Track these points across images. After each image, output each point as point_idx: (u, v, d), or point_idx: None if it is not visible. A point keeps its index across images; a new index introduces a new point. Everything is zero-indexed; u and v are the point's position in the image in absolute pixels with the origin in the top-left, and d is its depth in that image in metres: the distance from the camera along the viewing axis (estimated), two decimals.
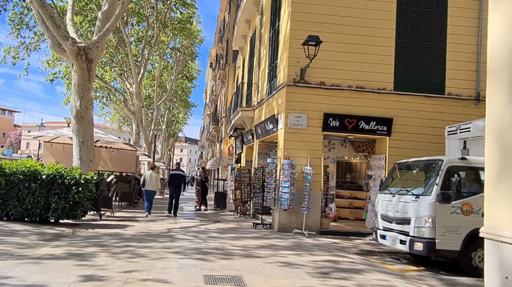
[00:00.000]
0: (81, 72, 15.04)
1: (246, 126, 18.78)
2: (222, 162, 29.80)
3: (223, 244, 9.65)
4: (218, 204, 20.24)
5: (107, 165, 21.39)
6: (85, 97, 15.15)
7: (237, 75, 27.49)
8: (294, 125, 12.51)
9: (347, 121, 12.56)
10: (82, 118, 15.01)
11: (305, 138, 12.51)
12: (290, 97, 12.56)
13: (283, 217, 12.35)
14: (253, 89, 18.24)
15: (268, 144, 16.65)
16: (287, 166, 11.96)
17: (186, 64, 39.73)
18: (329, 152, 15.96)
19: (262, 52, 16.81)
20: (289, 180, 11.89)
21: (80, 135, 14.98)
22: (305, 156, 12.42)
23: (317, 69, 12.55)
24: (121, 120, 54.73)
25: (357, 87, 12.70)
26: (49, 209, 11.25)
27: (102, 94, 37.44)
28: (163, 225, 12.91)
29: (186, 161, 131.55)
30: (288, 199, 11.85)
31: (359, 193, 15.38)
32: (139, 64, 29.25)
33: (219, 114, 36.49)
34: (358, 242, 11.36)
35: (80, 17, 26.96)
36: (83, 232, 10.40)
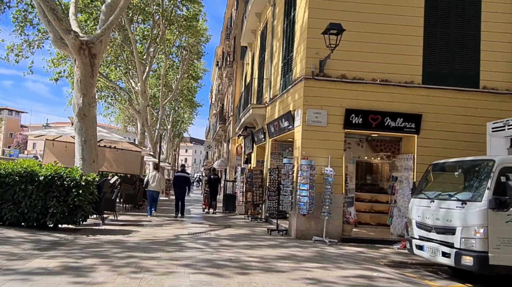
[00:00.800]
0: (84, 67, 14.14)
1: (257, 125, 17.75)
2: (230, 163, 28.79)
3: (237, 254, 8.62)
4: (227, 206, 19.22)
5: (111, 166, 20.43)
6: (88, 94, 14.26)
7: (245, 72, 26.47)
8: (313, 122, 11.46)
9: (371, 117, 11.49)
10: (85, 116, 14.11)
11: (325, 136, 11.47)
12: (308, 91, 11.52)
13: (301, 222, 11.31)
14: (264, 85, 17.21)
15: (281, 143, 15.60)
16: (305, 166, 10.91)
17: (192, 63, 38.89)
18: (345, 152, 14.91)
19: (274, 46, 15.77)
20: (308, 182, 10.84)
21: (83, 134, 14.09)
22: (324, 156, 11.37)
23: (338, 61, 11.50)
24: (126, 120, 54.02)
25: (382, 80, 11.63)
26: (47, 213, 10.29)
27: (107, 94, 36.67)
28: (170, 230, 11.90)
29: (191, 162, 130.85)
30: (307, 203, 10.80)
31: (381, 196, 14.29)
32: (144, 62, 28.32)
33: (226, 113, 35.51)
34: (386, 252, 10.29)
35: (85, 15, 26.12)
36: (83, 239, 9.40)
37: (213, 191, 18.67)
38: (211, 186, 18.62)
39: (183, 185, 16.27)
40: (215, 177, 19.15)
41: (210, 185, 18.66)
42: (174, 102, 46.95)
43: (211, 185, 18.62)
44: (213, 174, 19.37)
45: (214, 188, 18.70)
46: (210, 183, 18.77)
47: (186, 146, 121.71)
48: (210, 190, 18.64)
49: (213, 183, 18.75)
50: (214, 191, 18.69)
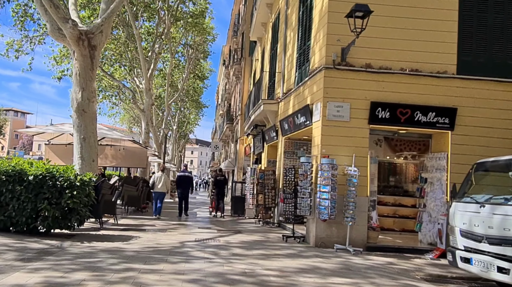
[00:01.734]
0: (83, 60, 13.13)
1: (269, 122, 16.58)
2: (238, 163, 27.63)
3: (252, 265, 7.45)
4: (235, 209, 18.04)
5: (116, 160, 19.38)
6: (88, 88, 13.28)
7: (254, 69, 25.33)
8: (334, 116, 10.27)
9: (399, 111, 10.29)
10: (84, 111, 13.11)
11: (348, 132, 10.28)
12: (329, 82, 10.34)
13: (322, 229, 10.11)
14: (276, 79, 16.04)
15: (295, 141, 14.43)
16: (326, 166, 9.72)
17: (198, 63, 37.91)
18: None
19: (288, 36, 14.60)
20: (329, 184, 9.65)
21: (82, 131, 13.08)
22: (347, 154, 10.17)
23: (362, 48, 10.32)
24: (131, 121, 53.17)
25: (412, 70, 10.42)
26: (37, 217, 9.18)
27: (111, 93, 35.76)
28: (175, 236, 10.75)
29: (196, 163, 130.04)
30: (329, 207, 9.60)
31: (405, 199, 13.08)
32: (149, 59, 27.29)
33: (233, 112, 34.39)
34: (419, 263, 9.07)
35: (88, 11, 25.17)
36: (76, 247, 8.27)
37: (219, 192, 17.50)
38: (218, 187, 17.45)
39: (186, 185, 16.31)
40: (221, 178, 17.98)
41: (216, 186, 17.50)
42: (180, 102, 46.06)
43: (218, 187, 17.45)
44: (219, 174, 18.18)
45: (221, 189, 17.52)
46: (216, 184, 17.61)
47: (192, 147, 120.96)
48: (217, 192, 17.47)
49: (220, 184, 17.57)
50: (221, 193, 17.52)
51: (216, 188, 17.48)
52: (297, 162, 14.12)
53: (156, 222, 13.72)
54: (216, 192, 17.48)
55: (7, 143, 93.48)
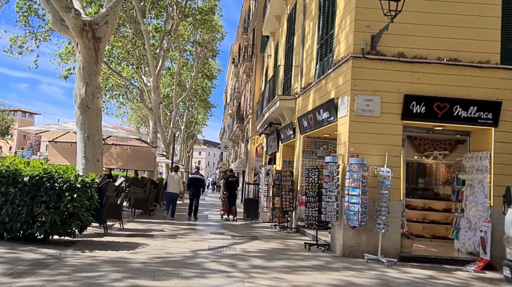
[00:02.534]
0: (87, 52, 12.24)
1: (284, 120, 15.56)
2: (249, 164, 26.62)
3: (277, 281, 6.42)
4: (248, 213, 17.01)
5: (122, 162, 18.47)
6: (92, 83, 12.40)
7: (266, 65, 24.31)
8: (363, 111, 9.22)
9: (436, 105, 9.21)
10: (88, 108, 12.24)
11: (378, 128, 9.23)
12: (358, 73, 9.29)
13: (350, 236, 9.05)
14: (293, 74, 15.01)
15: (315, 139, 13.39)
16: (356, 166, 8.67)
17: (206, 62, 37.07)
18: None
19: (307, 27, 13.57)
20: (359, 186, 8.60)
21: (86, 129, 12.19)
22: (377, 153, 9.13)
23: (394, 35, 9.27)
24: (139, 121, 52.46)
25: (450, 59, 9.35)
26: (33, 223, 8.22)
27: (118, 93, 35.00)
28: (186, 243, 9.75)
29: (204, 164, 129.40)
30: (359, 213, 8.55)
31: (435, 203, 12.00)
32: (157, 56, 26.40)
33: (243, 112, 33.41)
34: (463, 276, 7.98)
35: (95, 7, 24.38)
36: (75, 257, 7.30)
37: (232, 195, 16.52)
38: (229, 189, 16.47)
39: (197, 186, 16.23)
40: (233, 179, 16.98)
41: (228, 188, 16.52)
42: (188, 101, 45.29)
43: (229, 188, 16.48)
44: (230, 175, 17.20)
45: (233, 191, 16.54)
46: (228, 186, 16.63)
47: (199, 148, 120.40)
48: (229, 194, 16.50)
49: (231, 185, 16.59)
50: (233, 195, 16.53)
51: (227, 190, 16.49)
52: (316, 162, 13.11)
53: (165, 227, 12.75)
54: (228, 194, 16.48)
55: (15, 143, 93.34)
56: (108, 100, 34.15)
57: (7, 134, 73.41)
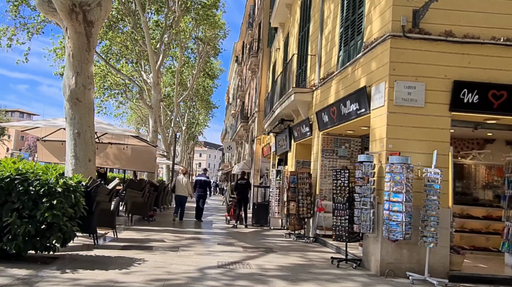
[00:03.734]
0: (77, 38, 10.79)
1: (298, 115, 14.02)
2: (255, 165, 25.06)
3: None
4: (257, 219, 15.43)
5: (121, 163, 16.92)
6: (83, 73, 10.98)
7: (273, 60, 22.77)
8: (404, 100, 7.67)
9: (492, 94, 7.67)
10: (78, 100, 10.81)
11: (422, 121, 7.68)
12: (397, 55, 7.74)
13: (389, 251, 7.49)
14: (309, 64, 13.46)
15: (336, 137, 11.83)
16: (399, 167, 7.11)
17: (208, 60, 35.72)
18: None
19: (326, 10, 12.03)
20: (402, 191, 7.03)
21: (75, 124, 10.74)
22: (421, 151, 7.59)
23: (442, 11, 7.75)
24: (138, 121, 51.09)
25: (507, 39, 7.80)
26: (3, 236, 6.68)
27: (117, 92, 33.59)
28: (191, 258, 8.20)
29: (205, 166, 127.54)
30: (403, 224, 6.99)
31: (475, 209, 10.45)
32: (157, 51, 24.91)
33: (247, 111, 31.88)
34: None
35: None
36: (51, 282, 5.75)
37: (243, 198, 15.01)
38: (240, 193, 14.95)
39: (204, 188, 16.11)
40: (243, 182, 15.43)
41: (238, 192, 15.00)
42: (189, 101, 43.92)
43: (240, 192, 14.96)
44: (241, 178, 15.64)
45: (244, 195, 15.02)
46: (237, 189, 15.10)
47: (200, 150, 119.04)
48: (239, 198, 14.97)
49: (243, 189, 15.06)
50: (244, 200, 15.02)
51: (238, 193, 15.00)
52: (337, 163, 11.57)
53: (166, 236, 11.20)
54: (238, 199, 14.95)
55: (13, 145, 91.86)
56: (107, 99, 33.00)
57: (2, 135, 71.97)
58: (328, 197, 11.68)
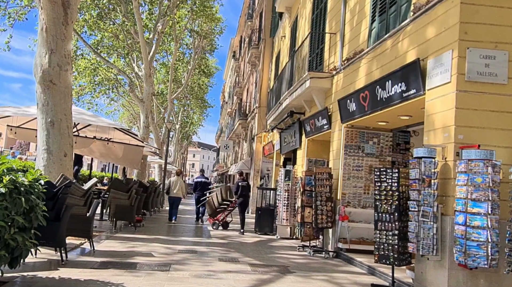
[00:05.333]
0: (51, 8, 8.95)
1: (313, 106, 12.03)
2: (254, 166, 23.01)
3: None
4: (261, 226, 13.37)
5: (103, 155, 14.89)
6: (59, 50, 9.07)
7: (277, 50, 20.74)
8: (480, 75, 5.69)
9: None
10: (53, 83, 8.93)
11: (504, 103, 5.69)
12: (470, 14, 5.76)
13: (459, 281, 5.47)
14: (326, 46, 11.47)
15: (362, 131, 9.80)
16: (481, 165, 5.10)
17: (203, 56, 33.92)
18: None
19: None
20: (487, 198, 5.02)
21: (49, 112, 8.84)
22: (505, 145, 5.60)
23: None
24: (131, 119, 49.05)
25: None
26: None
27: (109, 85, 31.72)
28: (186, 283, 6.14)
29: (198, 167, 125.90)
30: (489, 245, 4.97)
31: None
32: (149, 41, 22.90)
33: (245, 107, 29.84)
34: None
35: None
36: None
37: (244, 202, 13.44)
38: (242, 196, 13.30)
39: (203, 190, 15.73)
40: (244, 184, 13.58)
41: (240, 195, 13.27)
42: (183, 99, 42.02)
43: (242, 195, 13.29)
44: (242, 179, 13.70)
45: (246, 199, 13.51)
46: (240, 192, 13.35)
47: (194, 150, 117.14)
48: (241, 202, 13.28)
49: (245, 192, 13.40)
50: (245, 203, 13.47)
51: (239, 197, 13.32)
52: (364, 161, 9.57)
53: (155, 247, 9.13)
54: (240, 202, 13.24)
55: (4, 142, 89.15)
56: (98, 96, 31.29)
57: None
58: (352, 203, 9.68)
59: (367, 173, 9.73)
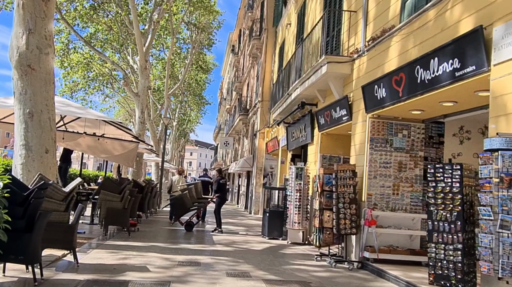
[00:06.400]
0: None
1: (328, 95, 10.72)
2: (257, 163, 21.68)
3: None
4: (270, 230, 12.03)
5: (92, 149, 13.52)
6: (38, 31, 7.81)
7: (281, 40, 19.39)
8: None
9: None
10: (31, 68, 7.68)
11: None
12: None
13: None
14: (343, 27, 10.15)
15: (390, 121, 8.48)
16: None
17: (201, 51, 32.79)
18: (461, 146, 8.12)
19: None
20: None
21: (27, 102, 7.63)
22: None
23: None
24: (127, 116, 47.77)
25: None
26: None
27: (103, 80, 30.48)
28: None
29: (195, 165, 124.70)
30: None
31: None
32: (145, 32, 21.59)
33: (245, 103, 28.50)
34: None
35: None
36: None
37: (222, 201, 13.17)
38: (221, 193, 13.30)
39: (206, 189, 15.69)
40: (224, 181, 13.82)
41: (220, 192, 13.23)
42: (180, 95, 40.80)
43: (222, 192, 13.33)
44: (221, 177, 13.69)
45: (223, 196, 13.26)
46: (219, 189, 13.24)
47: (191, 149, 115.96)
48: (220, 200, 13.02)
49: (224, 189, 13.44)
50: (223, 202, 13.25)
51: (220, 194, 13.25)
52: (393, 157, 8.25)
53: (151, 258, 7.80)
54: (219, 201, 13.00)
55: None
56: (92, 92, 30.18)
57: None
58: (379, 205, 8.36)
59: (396, 170, 8.42)
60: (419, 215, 8.29)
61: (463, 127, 8.82)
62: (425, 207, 8.44)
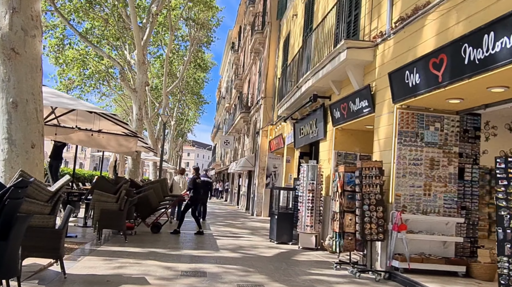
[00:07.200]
0: None
1: (345, 87, 9.77)
2: (259, 163, 20.70)
3: None
4: (280, 234, 11.03)
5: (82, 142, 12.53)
6: (23, 10, 6.80)
7: (286, 34, 18.43)
8: None
9: None
10: (15, 52, 6.79)
11: None
12: None
13: None
14: (363, 10, 9.19)
15: (421, 113, 7.52)
16: None
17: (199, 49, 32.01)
18: (487, 143, 7.20)
19: None
20: None
21: (10, 90, 6.71)
22: None
23: None
24: (124, 115, 46.85)
25: None
26: None
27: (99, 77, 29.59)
28: None
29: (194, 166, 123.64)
30: None
31: None
32: (143, 26, 20.65)
33: (246, 100, 27.55)
34: None
35: None
36: None
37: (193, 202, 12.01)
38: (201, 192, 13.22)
39: (206, 190, 15.49)
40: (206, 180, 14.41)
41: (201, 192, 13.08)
42: (179, 94, 39.93)
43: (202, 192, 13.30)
44: (203, 175, 14.10)
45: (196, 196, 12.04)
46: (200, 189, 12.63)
47: (188, 149, 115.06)
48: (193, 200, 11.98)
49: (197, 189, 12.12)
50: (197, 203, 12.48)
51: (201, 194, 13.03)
52: (424, 152, 7.30)
53: (149, 267, 6.82)
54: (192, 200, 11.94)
55: None
56: (88, 90, 29.33)
57: None
58: (409, 208, 7.40)
59: (428, 168, 7.46)
60: (454, 218, 7.33)
61: (488, 122, 7.91)
62: (460, 210, 7.52)
